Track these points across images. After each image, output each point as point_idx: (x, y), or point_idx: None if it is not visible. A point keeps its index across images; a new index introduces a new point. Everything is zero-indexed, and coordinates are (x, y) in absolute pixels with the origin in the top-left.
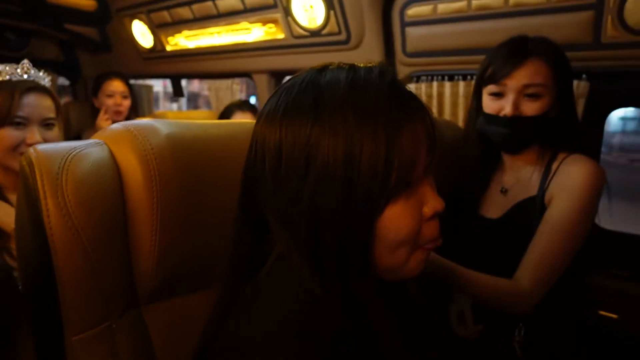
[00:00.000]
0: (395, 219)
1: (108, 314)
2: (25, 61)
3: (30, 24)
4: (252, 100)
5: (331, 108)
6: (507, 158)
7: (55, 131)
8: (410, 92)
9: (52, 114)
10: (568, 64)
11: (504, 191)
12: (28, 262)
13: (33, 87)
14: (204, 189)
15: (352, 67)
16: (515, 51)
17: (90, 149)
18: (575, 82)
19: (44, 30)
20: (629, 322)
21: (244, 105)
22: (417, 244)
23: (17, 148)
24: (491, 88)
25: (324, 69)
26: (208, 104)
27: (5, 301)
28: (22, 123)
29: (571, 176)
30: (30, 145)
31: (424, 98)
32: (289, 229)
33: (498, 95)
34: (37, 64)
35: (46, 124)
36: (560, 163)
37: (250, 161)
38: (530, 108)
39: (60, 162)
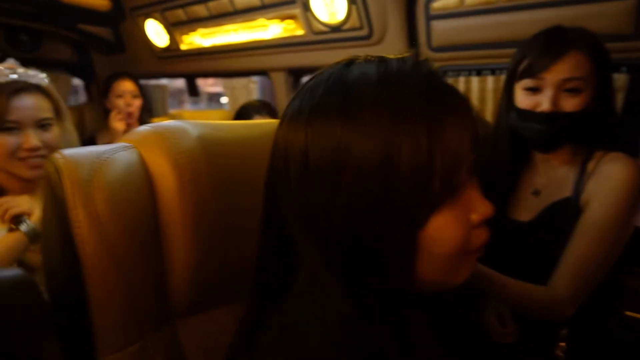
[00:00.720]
0: (441, 230)
1: (141, 332)
2: (12, 61)
3: (43, 25)
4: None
5: (362, 106)
6: (539, 157)
7: (54, 131)
8: (449, 85)
9: (47, 114)
10: (608, 57)
11: (536, 192)
12: (56, 277)
13: (21, 87)
14: (239, 193)
15: (383, 60)
16: (554, 43)
17: (119, 154)
18: (614, 75)
19: (57, 30)
20: None
21: (262, 109)
22: (465, 255)
23: (15, 153)
24: (526, 82)
25: (350, 63)
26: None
27: (33, 318)
28: (15, 127)
29: (609, 177)
30: (28, 149)
31: None
32: (319, 244)
33: (534, 90)
34: (51, 65)
35: (42, 125)
36: (598, 163)
37: (272, 170)
38: (569, 104)
39: (89, 168)
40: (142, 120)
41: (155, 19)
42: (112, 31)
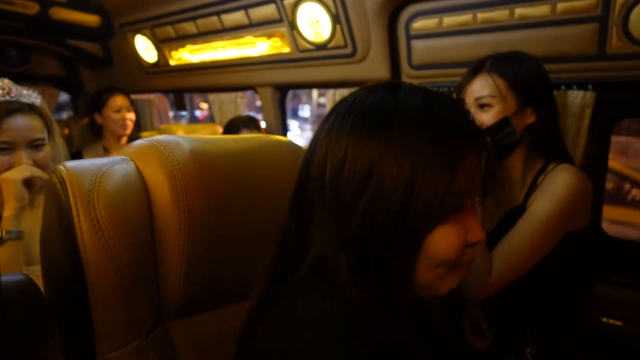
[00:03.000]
0: (444, 238)
1: (138, 332)
2: (6, 81)
3: (32, 40)
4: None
5: (403, 126)
6: (498, 170)
7: (46, 151)
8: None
9: (39, 134)
10: (533, 75)
11: (499, 204)
12: (58, 281)
13: (15, 108)
14: (229, 202)
15: (427, 91)
16: (471, 69)
17: (118, 166)
18: (581, 93)
19: (46, 45)
20: (633, 329)
21: (250, 123)
22: (455, 266)
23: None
24: None
25: (396, 88)
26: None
27: (37, 321)
28: (7, 148)
29: (552, 182)
30: None
31: None
32: (340, 236)
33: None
34: (39, 79)
35: (34, 145)
36: (547, 174)
37: (306, 172)
38: (483, 118)
39: (91, 179)
40: (132, 134)
41: (145, 35)
42: (101, 47)
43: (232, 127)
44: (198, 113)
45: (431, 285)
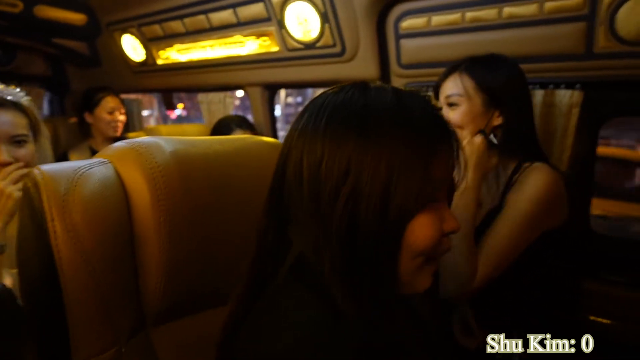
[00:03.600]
0: (424, 227)
1: (116, 338)
2: None
3: (18, 39)
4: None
5: (378, 125)
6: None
7: (29, 148)
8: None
9: (22, 131)
10: (504, 78)
11: (480, 205)
12: (33, 286)
13: None
14: (211, 205)
15: (396, 89)
16: (448, 69)
17: (95, 169)
18: (569, 92)
19: (32, 44)
20: (622, 327)
21: (243, 123)
22: (432, 255)
23: None
24: (436, 102)
25: (367, 87)
26: None
27: (9, 326)
28: None
29: (525, 182)
30: (0, 165)
31: None
32: (321, 234)
33: (440, 108)
34: (25, 79)
35: (17, 141)
36: (522, 173)
37: (281, 172)
38: (452, 116)
39: (66, 183)
40: (120, 135)
41: (132, 34)
42: (87, 45)
43: (222, 126)
44: (178, 112)
45: (411, 279)
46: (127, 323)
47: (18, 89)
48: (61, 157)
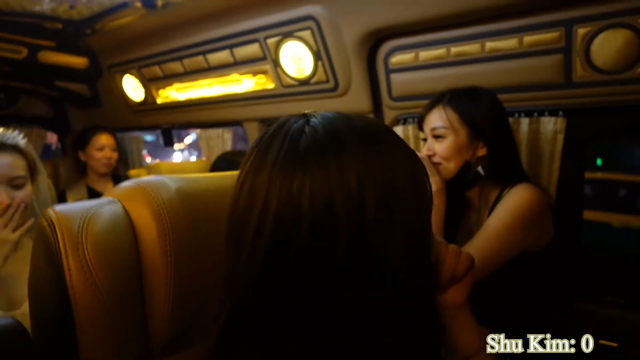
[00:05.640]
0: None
1: None
2: None
3: (21, 83)
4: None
5: (389, 142)
6: (469, 199)
7: (26, 190)
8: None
9: (20, 172)
10: (485, 111)
11: (469, 229)
12: (45, 321)
13: None
14: (215, 240)
15: (346, 114)
16: (431, 101)
17: (105, 207)
18: (553, 119)
19: (34, 87)
20: (629, 350)
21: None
22: None
23: None
24: (421, 134)
25: (306, 117)
26: None
27: None
28: None
29: (507, 199)
30: None
31: (411, 140)
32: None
33: (425, 140)
34: (26, 121)
35: (15, 184)
36: (504, 196)
37: (245, 213)
38: (438, 147)
39: (79, 221)
40: (118, 172)
41: (132, 74)
42: (88, 87)
43: (223, 161)
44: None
45: None
46: (136, 354)
47: (17, 132)
48: (60, 196)
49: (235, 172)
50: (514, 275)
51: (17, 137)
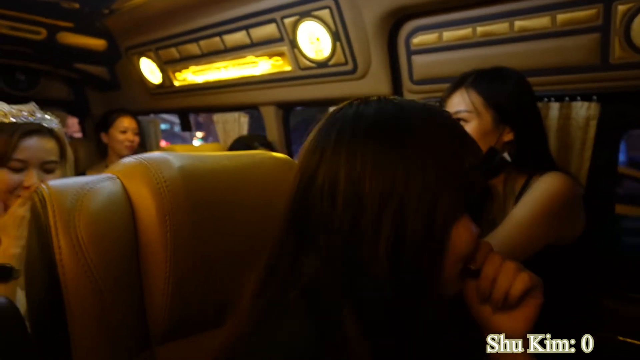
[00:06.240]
0: (465, 231)
1: (121, 357)
2: (32, 103)
3: (40, 65)
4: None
5: (418, 138)
6: (493, 189)
7: (57, 174)
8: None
9: (53, 157)
10: (512, 93)
11: (493, 220)
12: (38, 302)
13: (34, 129)
14: (218, 221)
15: (418, 102)
16: (453, 83)
17: (102, 184)
18: (585, 104)
19: (54, 70)
20: None
21: (266, 143)
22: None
23: (14, 191)
24: None
25: (392, 100)
26: None
27: (15, 344)
28: (20, 167)
29: (536, 187)
30: (27, 188)
31: None
32: (363, 254)
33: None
34: (47, 103)
35: (46, 168)
36: (532, 185)
37: (304, 190)
38: None
39: (72, 198)
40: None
41: (149, 57)
42: (107, 70)
43: (240, 145)
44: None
45: (450, 286)
46: (132, 341)
47: (53, 116)
48: (79, 175)
49: (242, 153)
50: (537, 270)
51: (53, 120)
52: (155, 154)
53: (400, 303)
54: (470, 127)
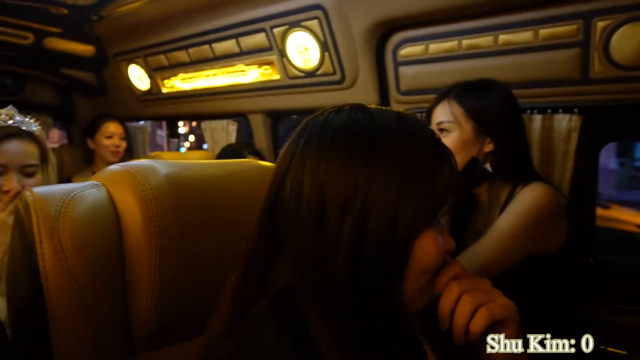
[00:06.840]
0: (429, 244)
1: None
2: (10, 107)
3: (27, 69)
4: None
5: (386, 145)
6: (477, 200)
7: (37, 178)
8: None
9: (33, 161)
10: (493, 105)
11: (477, 231)
12: (20, 309)
13: (13, 133)
14: (204, 229)
15: (396, 112)
16: (438, 95)
17: (87, 191)
18: (567, 116)
19: (41, 74)
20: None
21: (254, 151)
22: (431, 278)
23: None
24: None
25: (366, 108)
26: None
27: None
28: (0, 172)
29: (519, 198)
30: (7, 191)
31: None
32: (324, 256)
33: None
34: (33, 108)
35: (27, 172)
36: (515, 196)
37: (276, 193)
38: (445, 142)
39: (57, 205)
40: (124, 161)
41: (138, 64)
42: (95, 75)
43: (229, 153)
44: None
45: (413, 299)
46: (116, 349)
47: (32, 120)
48: (65, 182)
49: (229, 161)
50: (519, 280)
51: (33, 124)
52: (141, 162)
53: (364, 312)
54: (452, 138)
